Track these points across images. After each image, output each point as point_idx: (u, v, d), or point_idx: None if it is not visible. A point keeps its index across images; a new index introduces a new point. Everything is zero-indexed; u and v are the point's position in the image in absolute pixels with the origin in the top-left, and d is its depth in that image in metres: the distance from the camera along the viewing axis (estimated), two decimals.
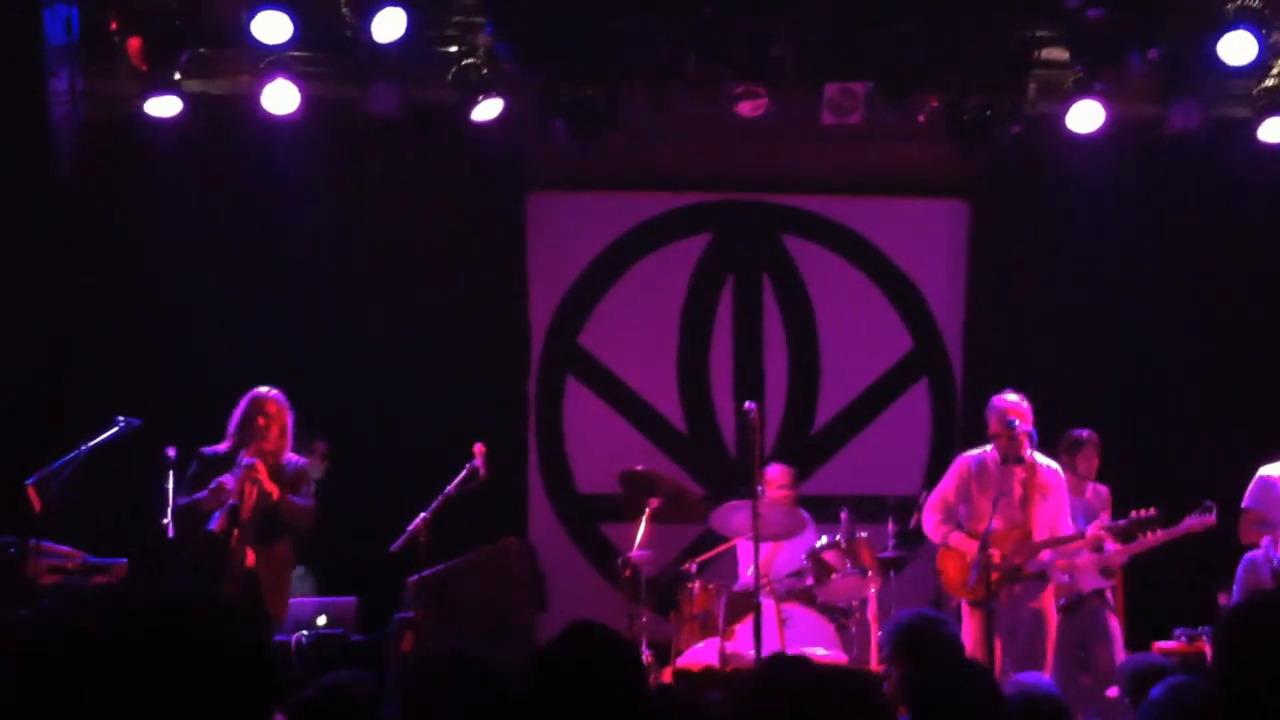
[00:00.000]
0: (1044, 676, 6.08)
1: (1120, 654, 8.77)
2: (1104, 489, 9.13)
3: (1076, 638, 8.83)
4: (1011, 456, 8.35)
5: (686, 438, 10.93)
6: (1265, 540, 8.26)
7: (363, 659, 7.67)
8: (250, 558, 7.89)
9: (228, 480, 7.83)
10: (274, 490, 7.92)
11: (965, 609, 8.30)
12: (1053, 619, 8.40)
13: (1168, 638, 8.95)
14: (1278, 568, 8.05)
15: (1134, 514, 8.62)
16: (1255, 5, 8.37)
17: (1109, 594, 8.95)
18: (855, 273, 11.09)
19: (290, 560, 8.34)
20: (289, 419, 8.13)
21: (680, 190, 11.00)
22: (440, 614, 8.22)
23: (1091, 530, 8.55)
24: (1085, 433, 9.14)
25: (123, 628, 1.95)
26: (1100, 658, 8.73)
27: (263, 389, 8.15)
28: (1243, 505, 8.68)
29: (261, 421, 8.01)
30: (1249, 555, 8.41)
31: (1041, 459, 8.39)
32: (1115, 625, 8.90)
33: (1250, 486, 8.78)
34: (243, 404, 8.12)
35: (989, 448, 8.51)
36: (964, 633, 8.11)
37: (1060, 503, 8.51)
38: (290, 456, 8.19)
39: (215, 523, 7.77)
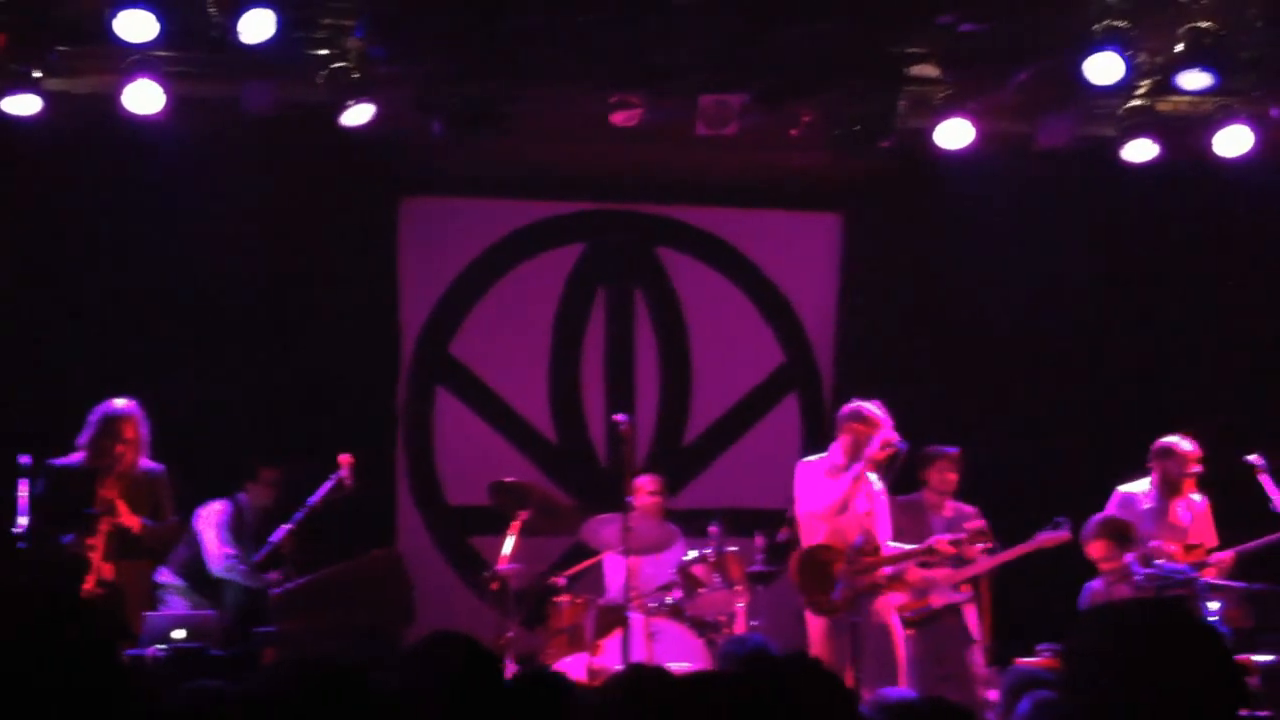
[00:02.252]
0: (909, 691, 6.11)
1: (980, 662, 8.85)
2: (969, 509, 9.12)
3: (932, 652, 8.87)
4: (849, 466, 8.40)
5: (557, 449, 10.87)
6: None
7: (223, 674, 7.49)
8: (109, 570, 7.88)
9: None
10: (135, 524, 7.98)
11: (819, 626, 8.32)
12: (899, 629, 8.48)
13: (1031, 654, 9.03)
14: (1140, 581, 8.19)
15: (966, 526, 8.72)
16: (1122, 26, 8.53)
17: (965, 609, 8.98)
18: (728, 285, 11.12)
19: (150, 571, 8.26)
20: (144, 429, 8.08)
21: (555, 198, 10.95)
22: (305, 627, 8.09)
23: (938, 544, 8.59)
24: (939, 448, 9.12)
25: None
26: (960, 672, 8.78)
27: (117, 402, 8.11)
28: None
29: (117, 442, 7.97)
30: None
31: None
32: (974, 636, 8.97)
33: (1110, 502, 8.93)
34: (96, 419, 8.04)
35: (824, 455, 8.56)
36: (816, 650, 8.15)
37: (885, 516, 8.60)
38: (146, 464, 8.12)
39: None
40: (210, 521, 8.83)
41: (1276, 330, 10.67)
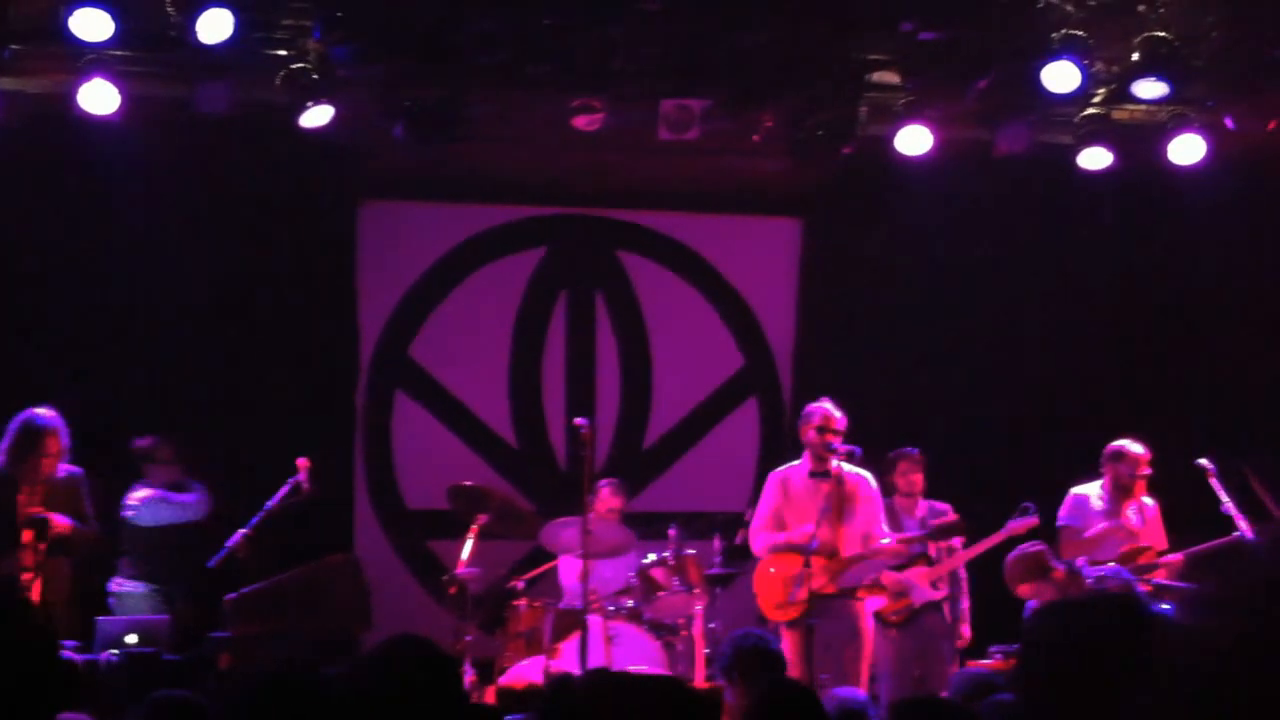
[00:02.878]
0: (859, 691, 6.13)
1: (954, 667, 8.86)
2: (942, 506, 9.15)
3: (913, 652, 8.88)
4: (817, 470, 8.31)
5: (517, 453, 10.84)
6: (1080, 560, 8.43)
7: (176, 679, 7.44)
8: (43, 573, 7.94)
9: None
10: (66, 527, 8.01)
11: (783, 628, 8.30)
12: (868, 633, 8.40)
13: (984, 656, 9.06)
14: (1090, 582, 8.23)
15: (932, 523, 8.74)
16: (1080, 35, 8.60)
17: (945, 607, 9.02)
18: (689, 289, 11.13)
19: (69, 574, 8.23)
20: (65, 439, 8.13)
21: (516, 202, 10.92)
22: (261, 632, 8.03)
23: (891, 543, 8.55)
24: (901, 450, 9.16)
25: None
26: (936, 671, 8.81)
27: (40, 412, 8.09)
28: (1059, 524, 8.86)
29: (42, 456, 8.00)
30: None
31: (849, 469, 8.25)
32: (950, 638, 8.99)
33: (1064, 504, 8.96)
34: (17, 427, 8.04)
35: (797, 462, 8.50)
36: (786, 650, 8.12)
37: (872, 514, 8.38)
38: (66, 468, 8.19)
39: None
40: (159, 506, 8.82)
41: (1227, 336, 10.77)
